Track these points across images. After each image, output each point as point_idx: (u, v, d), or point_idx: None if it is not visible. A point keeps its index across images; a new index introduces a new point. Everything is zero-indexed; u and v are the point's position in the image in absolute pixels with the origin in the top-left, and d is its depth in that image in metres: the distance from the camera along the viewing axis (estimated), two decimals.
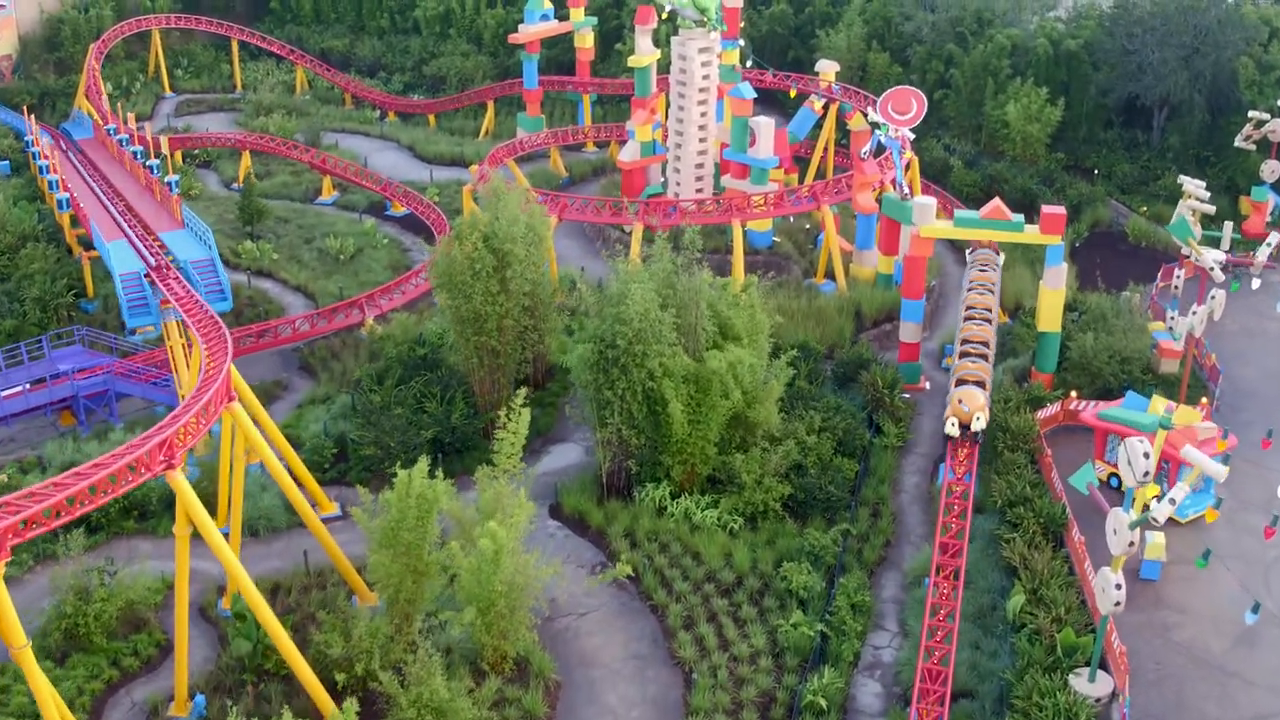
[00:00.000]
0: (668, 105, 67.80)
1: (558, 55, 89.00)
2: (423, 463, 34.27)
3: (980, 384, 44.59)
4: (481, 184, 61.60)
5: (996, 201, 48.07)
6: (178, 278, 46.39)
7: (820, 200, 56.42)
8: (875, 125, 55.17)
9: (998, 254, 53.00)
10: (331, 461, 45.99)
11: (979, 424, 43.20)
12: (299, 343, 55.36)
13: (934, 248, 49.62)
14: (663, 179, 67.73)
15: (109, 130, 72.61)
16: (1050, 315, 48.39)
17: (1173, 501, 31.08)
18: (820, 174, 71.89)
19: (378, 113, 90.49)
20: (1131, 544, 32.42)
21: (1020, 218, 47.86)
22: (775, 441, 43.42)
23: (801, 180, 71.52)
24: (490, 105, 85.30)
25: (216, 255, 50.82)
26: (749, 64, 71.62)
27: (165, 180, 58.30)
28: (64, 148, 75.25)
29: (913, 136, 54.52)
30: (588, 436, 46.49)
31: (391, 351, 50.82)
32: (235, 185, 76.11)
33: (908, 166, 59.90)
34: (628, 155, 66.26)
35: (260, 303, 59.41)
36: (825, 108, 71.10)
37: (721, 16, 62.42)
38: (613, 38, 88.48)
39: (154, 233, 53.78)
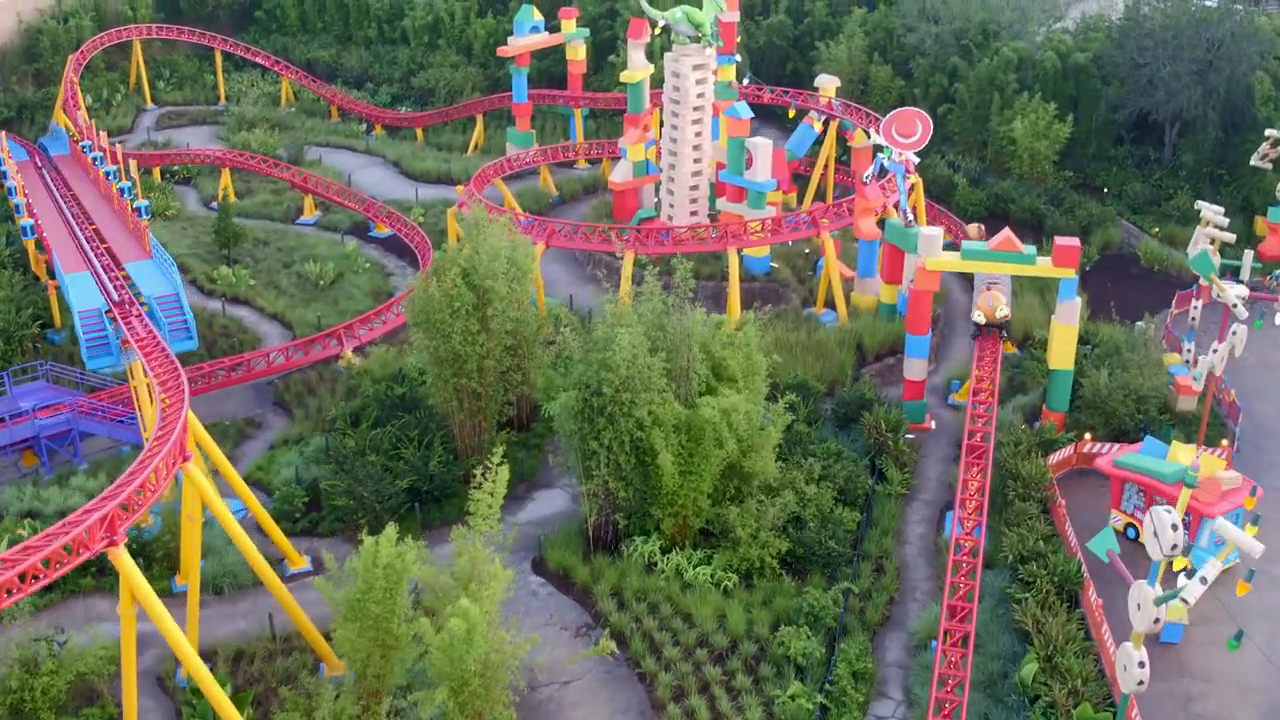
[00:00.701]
0: (662, 122, 65.39)
1: (549, 66, 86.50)
2: (391, 530, 31.76)
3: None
4: (465, 208, 59.15)
5: (1006, 233, 45.55)
6: (140, 315, 43.84)
7: (820, 226, 53.90)
8: (878, 148, 52.66)
9: None
10: (303, 510, 43.47)
11: (1003, 311, 47.15)
12: (274, 376, 52.84)
13: (940, 279, 47.06)
14: (656, 199, 65.21)
15: (84, 147, 70.05)
16: (1062, 352, 45.93)
17: (1204, 580, 28.59)
18: (820, 193, 69.43)
19: (364, 126, 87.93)
20: (1157, 620, 29.98)
21: (1032, 249, 45.36)
22: (772, 492, 40.92)
23: (801, 200, 69.09)
24: (479, 119, 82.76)
25: (182, 291, 48.24)
26: (746, 80, 69.10)
27: (135, 206, 55.67)
28: (39, 164, 72.69)
29: (917, 160, 51.97)
30: (574, 482, 43.93)
31: (369, 389, 48.32)
32: (214, 204, 73.58)
33: (911, 189, 57.41)
34: (619, 176, 63.71)
35: (235, 333, 56.88)
36: (825, 124, 68.63)
37: (717, 32, 59.89)
38: (606, 49, 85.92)
39: (121, 263, 51.17)
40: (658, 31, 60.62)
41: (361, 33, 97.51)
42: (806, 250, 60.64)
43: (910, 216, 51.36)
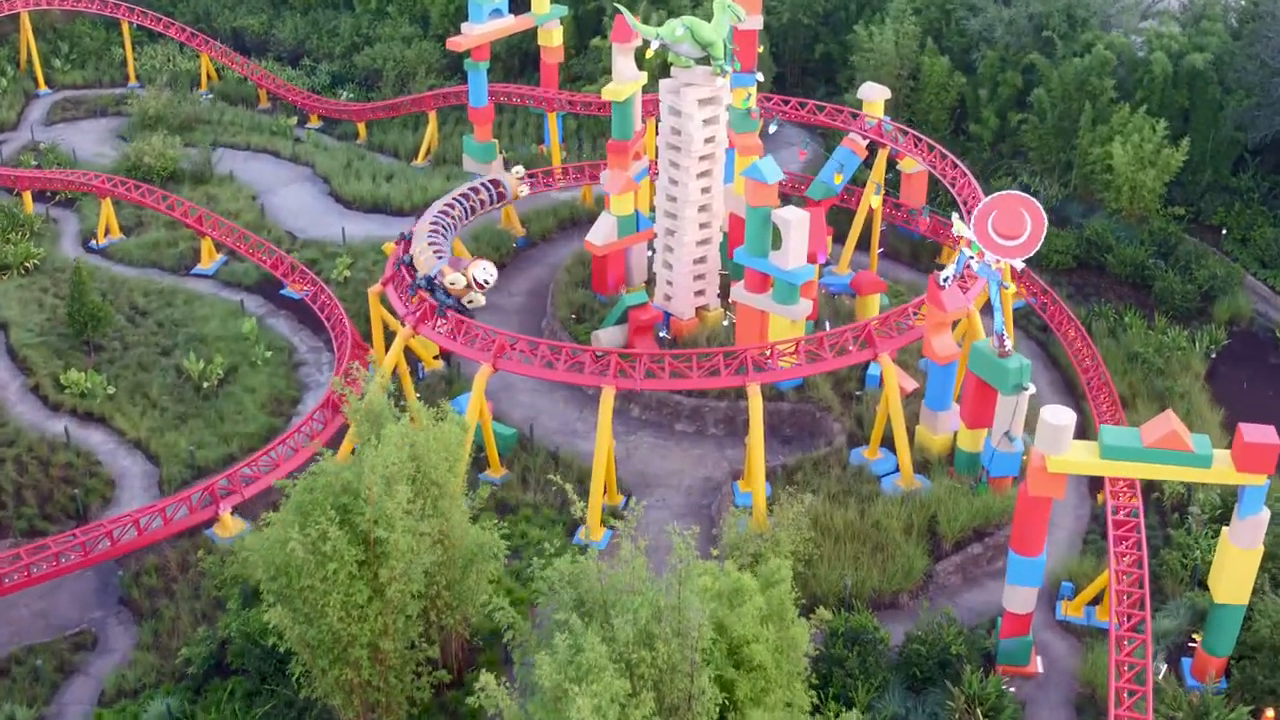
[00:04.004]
0: (659, 127, 49.34)
1: (521, 42, 70.17)
2: None
3: None
4: (393, 284, 43.96)
5: (1169, 420, 30.44)
6: None
7: (877, 344, 38.74)
8: (964, 240, 37.44)
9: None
10: None
11: None
12: (124, 556, 38.28)
13: (1065, 483, 31.97)
14: (650, 253, 49.92)
15: None
16: (1236, 584, 31.42)
17: None
18: (865, 235, 53.84)
19: (294, 119, 71.74)
20: None
21: (1206, 443, 30.34)
22: None
23: (840, 241, 53.62)
24: (432, 117, 66.69)
25: None
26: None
27: None
28: None
29: (1022, 267, 36.70)
30: None
31: (233, 617, 33.62)
32: (96, 243, 58.30)
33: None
34: (600, 235, 48.10)
35: (79, 475, 42.09)
36: (871, 148, 52.90)
37: (732, 52, 43.95)
38: (590, 26, 69.50)
39: None
40: (650, 55, 44.67)
41: None
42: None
43: (1008, 343, 36.34)
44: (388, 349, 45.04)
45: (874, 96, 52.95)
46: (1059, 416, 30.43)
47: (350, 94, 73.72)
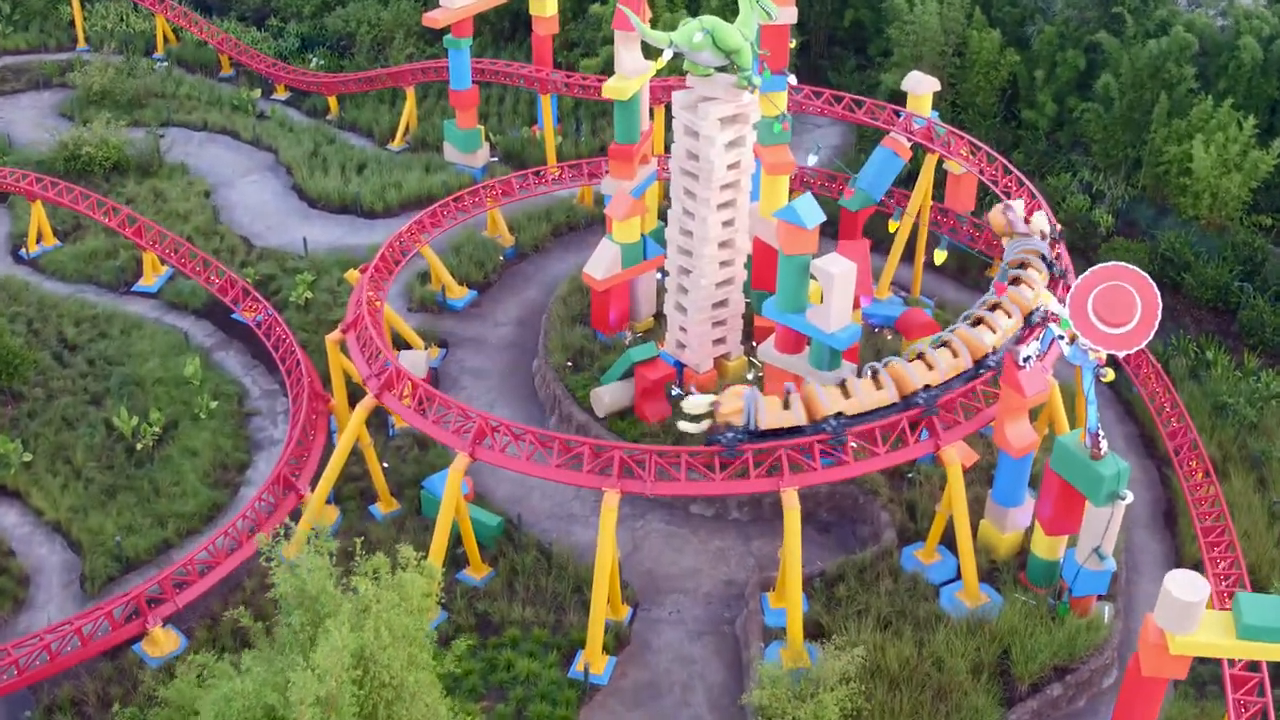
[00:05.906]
0: (668, 122, 41.85)
1: (513, 3, 62.17)
2: None
3: None
4: (354, 331, 36.99)
5: None
6: None
7: (940, 436, 31.92)
8: (1049, 316, 30.58)
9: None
10: None
11: None
12: (40, 683, 31.96)
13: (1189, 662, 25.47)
14: (660, 276, 42.99)
15: None
16: None
17: None
18: (910, 244, 46.69)
19: (258, 91, 64.06)
20: None
21: None
22: None
23: (876, 251, 46.48)
24: (410, 94, 59.02)
25: None
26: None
27: None
28: None
29: (1123, 355, 29.77)
30: None
31: None
32: (26, 252, 51.15)
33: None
34: (600, 268, 40.85)
35: None
36: (917, 150, 45.59)
37: (760, 59, 36.42)
38: None
39: None
40: (661, 64, 37.08)
41: None
42: None
43: (1103, 445, 29.61)
44: (351, 404, 38.44)
45: (921, 89, 45.30)
46: (1188, 589, 23.78)
47: (321, 60, 65.92)
